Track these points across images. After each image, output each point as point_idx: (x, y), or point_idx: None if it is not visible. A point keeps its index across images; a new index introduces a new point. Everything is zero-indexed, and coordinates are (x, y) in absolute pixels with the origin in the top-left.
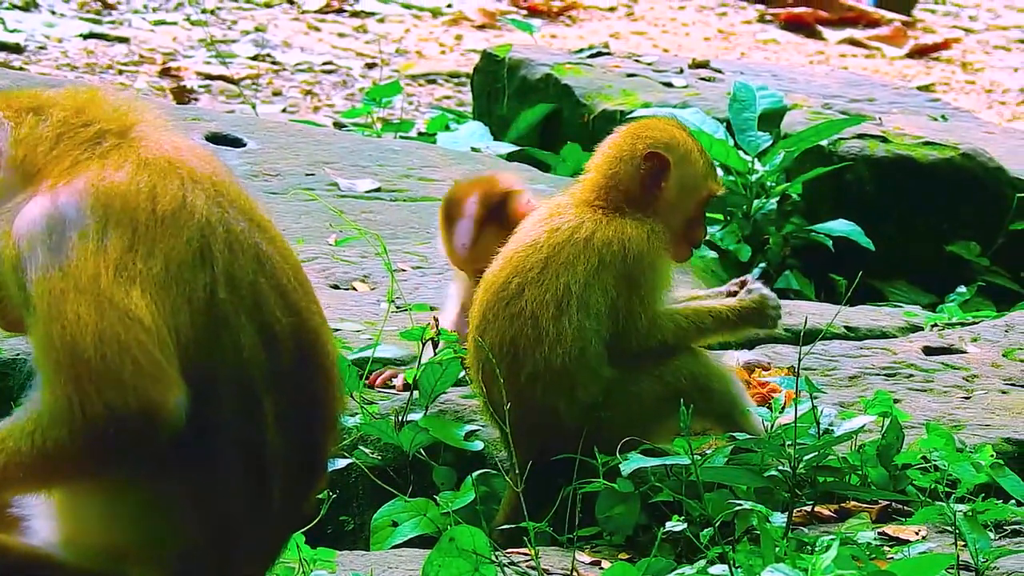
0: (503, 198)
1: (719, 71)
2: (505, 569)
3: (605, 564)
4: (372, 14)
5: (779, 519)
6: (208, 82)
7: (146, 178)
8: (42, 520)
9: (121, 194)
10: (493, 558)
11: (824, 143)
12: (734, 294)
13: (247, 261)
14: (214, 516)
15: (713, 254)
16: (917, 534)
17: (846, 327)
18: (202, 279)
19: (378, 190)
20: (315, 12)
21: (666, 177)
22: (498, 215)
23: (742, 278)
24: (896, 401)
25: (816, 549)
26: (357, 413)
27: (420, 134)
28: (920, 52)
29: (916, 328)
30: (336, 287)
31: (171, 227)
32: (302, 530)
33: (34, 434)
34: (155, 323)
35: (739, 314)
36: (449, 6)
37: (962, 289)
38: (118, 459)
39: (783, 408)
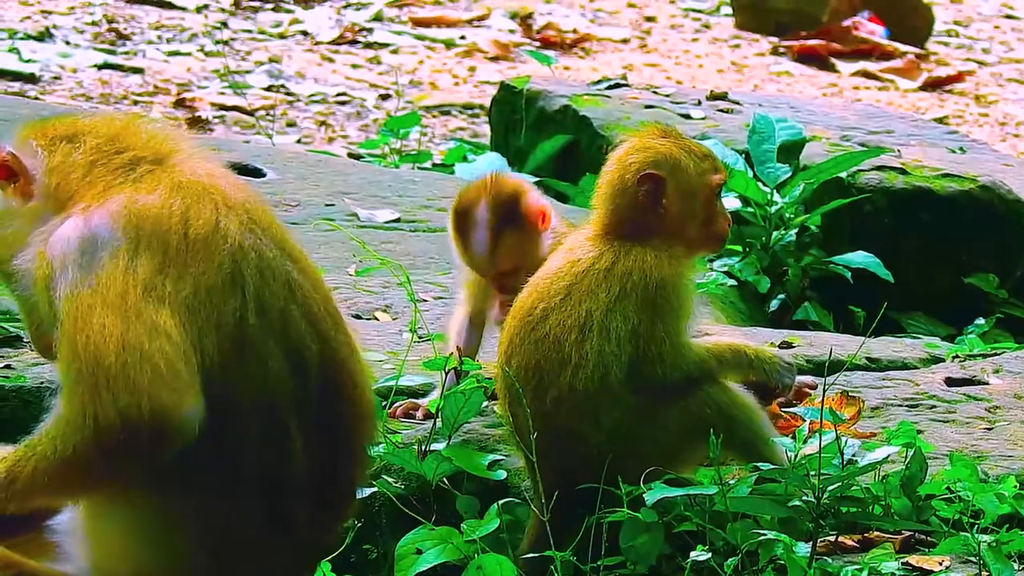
0: (513, 198)
1: (737, 103)
2: None
3: None
4: (386, 45)
5: (803, 549)
6: (223, 113)
7: (179, 202)
8: (72, 546)
9: (153, 216)
10: None
11: (843, 175)
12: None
13: (278, 288)
14: (236, 541)
15: (732, 282)
16: (941, 564)
17: (868, 358)
18: (232, 304)
19: (398, 220)
20: (329, 43)
21: (664, 192)
22: (511, 216)
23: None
24: (919, 432)
25: None
26: (380, 442)
27: (436, 165)
28: (934, 84)
29: (938, 359)
30: (358, 317)
31: (203, 251)
32: (327, 559)
33: (56, 440)
34: (181, 339)
35: (758, 355)
36: (463, 38)
37: (980, 321)
38: (130, 467)
39: (806, 439)
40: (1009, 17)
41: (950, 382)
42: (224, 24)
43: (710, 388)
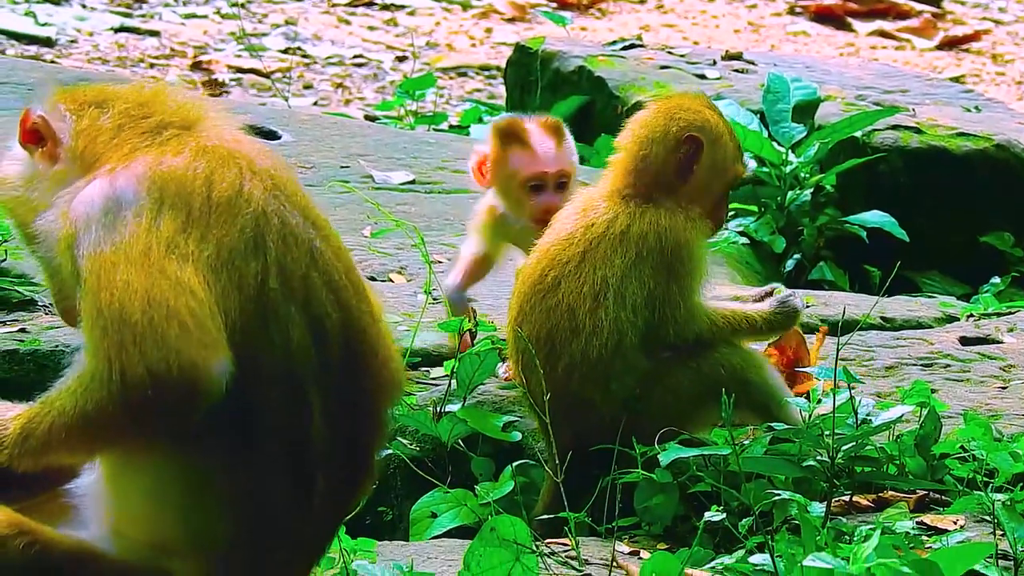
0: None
1: (752, 63)
2: (545, 559)
3: (644, 554)
4: (402, 7)
5: (818, 509)
6: (239, 75)
7: (204, 165)
8: (91, 511)
9: (177, 178)
10: (534, 548)
11: (858, 134)
12: (763, 298)
13: (300, 254)
14: (257, 509)
15: (745, 241)
16: (955, 524)
17: (882, 318)
18: (253, 267)
19: (413, 182)
20: (345, 5)
21: (699, 160)
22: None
23: (771, 286)
24: (933, 391)
25: (855, 539)
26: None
27: (452, 127)
28: (950, 44)
29: (952, 318)
30: (373, 279)
31: (225, 213)
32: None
33: (77, 394)
34: (205, 297)
35: (770, 323)
36: None
37: (996, 280)
38: (157, 424)
39: (820, 399)
40: None
41: (965, 341)
42: None
43: (724, 350)
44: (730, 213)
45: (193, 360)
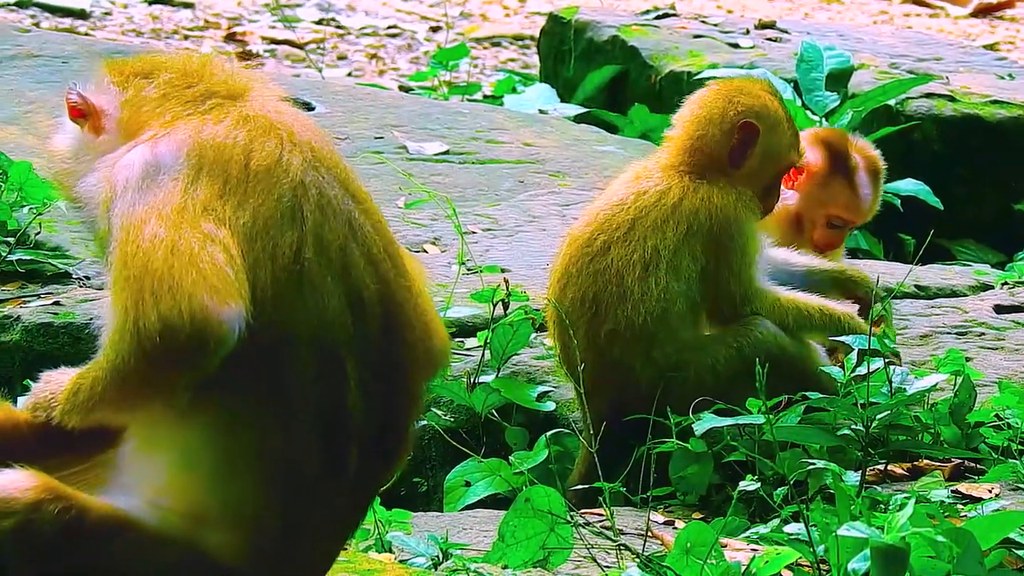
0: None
1: (785, 31)
2: (580, 529)
3: (679, 524)
4: None
5: (852, 478)
6: (273, 47)
7: (244, 133)
8: (127, 479)
9: (216, 145)
10: (568, 518)
11: (892, 103)
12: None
13: (338, 226)
14: (291, 480)
15: None
16: (990, 492)
17: (916, 286)
18: (289, 237)
19: (446, 153)
20: None
21: (754, 146)
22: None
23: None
24: (968, 359)
25: (890, 508)
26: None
27: (486, 97)
28: (984, 11)
29: (986, 287)
30: (407, 249)
31: (264, 182)
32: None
33: (108, 350)
34: (236, 254)
35: (851, 326)
36: None
37: None
38: (175, 373)
39: (855, 367)
40: None
41: (999, 309)
42: None
43: (770, 331)
44: None
45: (203, 304)
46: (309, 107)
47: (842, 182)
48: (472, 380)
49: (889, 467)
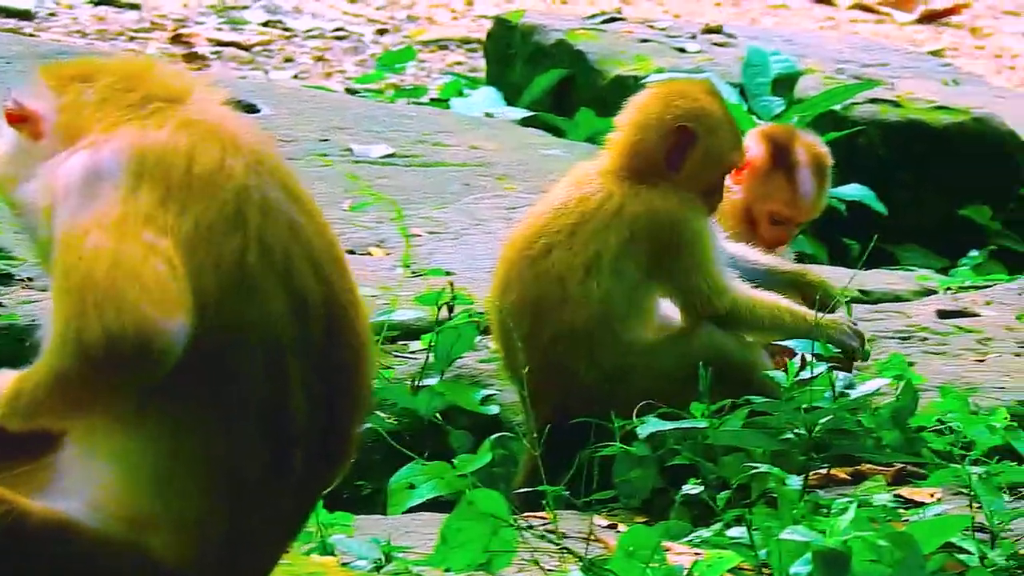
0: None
1: (732, 36)
2: (523, 532)
3: (622, 527)
4: None
5: (795, 482)
6: (220, 49)
7: (185, 139)
8: (70, 483)
9: (157, 151)
10: (511, 521)
11: (837, 108)
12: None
13: (281, 230)
14: (235, 483)
15: None
16: (932, 496)
17: (860, 291)
18: (233, 242)
19: (392, 155)
20: None
21: (692, 149)
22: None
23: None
24: (910, 364)
25: (832, 512)
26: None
27: (433, 100)
28: (930, 17)
29: (930, 292)
30: (352, 252)
31: (206, 188)
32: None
33: (47, 357)
34: (179, 265)
35: (820, 324)
36: None
37: (974, 253)
38: (116, 387)
39: (799, 371)
40: None
41: (942, 314)
42: None
43: (710, 336)
44: None
45: (147, 317)
46: (255, 109)
47: (783, 178)
48: (416, 383)
49: (831, 471)
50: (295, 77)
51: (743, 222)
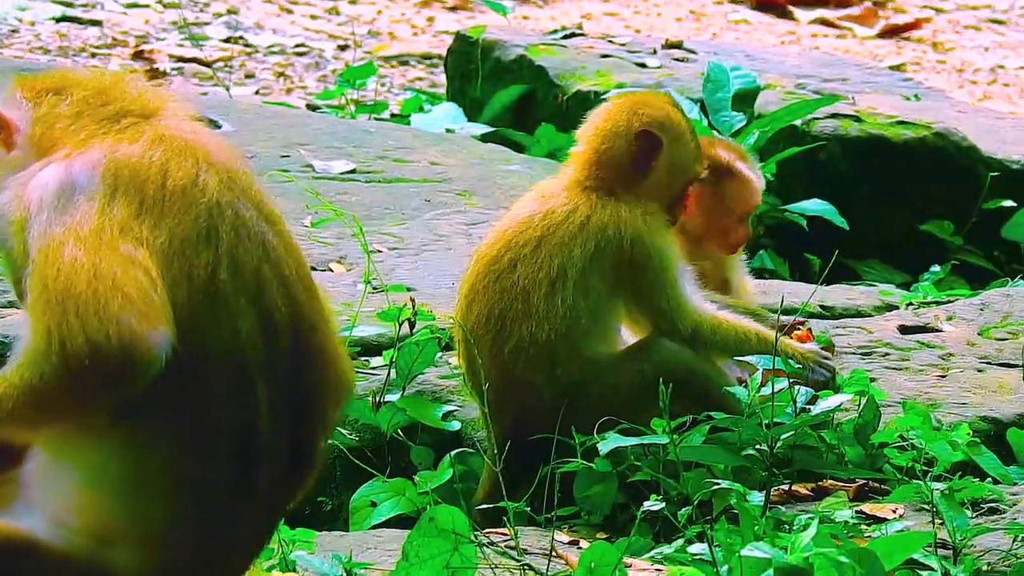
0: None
1: (692, 51)
2: (484, 549)
3: (584, 543)
4: None
5: (757, 498)
6: (181, 65)
7: (160, 153)
8: (34, 498)
9: (132, 165)
10: (472, 538)
11: (798, 123)
12: (790, 331)
13: (253, 247)
14: (199, 499)
15: None
16: (894, 512)
17: (821, 306)
18: (205, 257)
19: (353, 171)
20: None
21: (657, 157)
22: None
23: (797, 319)
24: (872, 380)
25: (794, 528)
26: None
27: (394, 116)
28: (891, 32)
29: (891, 307)
30: (313, 268)
31: (179, 203)
32: None
33: (24, 368)
34: (156, 276)
35: (789, 350)
36: None
37: (936, 268)
38: (99, 396)
39: (760, 387)
40: None
41: (904, 330)
42: None
43: (674, 351)
44: None
45: (132, 329)
46: (216, 125)
47: (732, 181)
48: (377, 399)
49: (793, 487)
50: (256, 93)
51: (688, 245)
